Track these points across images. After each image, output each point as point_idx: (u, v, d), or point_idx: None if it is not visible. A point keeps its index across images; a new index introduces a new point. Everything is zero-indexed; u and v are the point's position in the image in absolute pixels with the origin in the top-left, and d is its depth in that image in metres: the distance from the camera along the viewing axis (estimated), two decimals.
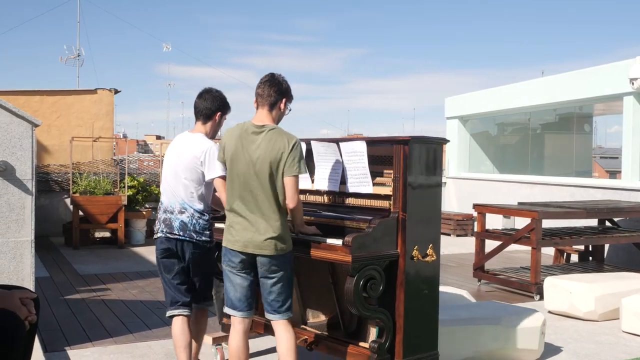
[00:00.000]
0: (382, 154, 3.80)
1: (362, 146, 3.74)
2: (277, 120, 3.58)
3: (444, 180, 14.37)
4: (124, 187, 10.61)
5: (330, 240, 3.51)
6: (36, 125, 4.78)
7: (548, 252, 9.13)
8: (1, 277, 4.51)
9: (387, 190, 3.68)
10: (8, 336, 2.43)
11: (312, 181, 4.14)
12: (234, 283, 3.54)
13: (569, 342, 5.24)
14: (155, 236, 3.90)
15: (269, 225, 3.41)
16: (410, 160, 3.57)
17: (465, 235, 12.62)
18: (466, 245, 11.07)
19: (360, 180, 3.80)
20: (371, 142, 3.80)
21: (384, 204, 3.71)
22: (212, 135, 3.99)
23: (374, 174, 3.80)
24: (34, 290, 3.14)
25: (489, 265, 7.89)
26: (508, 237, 7.36)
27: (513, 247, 7.89)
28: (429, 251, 3.72)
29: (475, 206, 7.77)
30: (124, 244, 10.12)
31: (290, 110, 3.65)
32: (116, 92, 13.29)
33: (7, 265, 4.59)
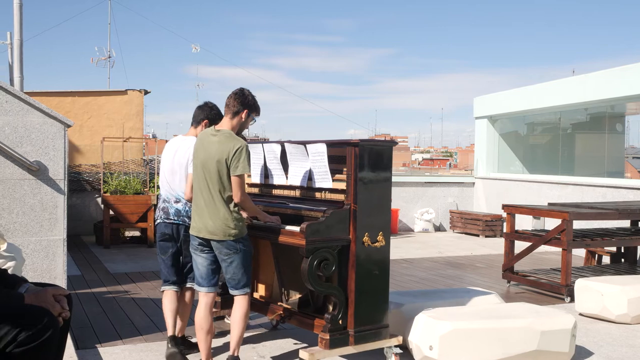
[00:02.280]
0: (343, 154, 4.29)
1: (323, 148, 4.35)
2: (238, 127, 4.16)
3: (472, 180, 14.32)
4: (153, 186, 10.72)
5: (292, 228, 4.12)
6: (68, 126, 4.86)
7: (579, 253, 9.00)
8: (34, 274, 4.60)
9: (344, 185, 4.25)
10: (42, 333, 2.47)
11: (287, 178, 4.71)
12: (197, 263, 4.19)
13: (601, 346, 5.16)
14: (155, 222, 4.63)
15: (218, 214, 4.00)
16: (360, 160, 4.14)
17: (494, 236, 12.50)
18: (495, 246, 10.97)
19: (322, 177, 4.41)
20: (331, 144, 4.38)
21: (342, 197, 4.28)
22: None
23: (336, 171, 4.35)
24: (66, 288, 3.20)
25: (519, 266, 7.80)
26: (538, 238, 7.27)
27: (543, 248, 7.79)
28: (379, 237, 4.26)
29: (505, 207, 7.68)
30: (153, 243, 10.23)
31: (254, 121, 4.25)
32: (146, 92, 13.43)
33: (40, 263, 4.68)
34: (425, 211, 13.46)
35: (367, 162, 4.18)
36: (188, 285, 4.62)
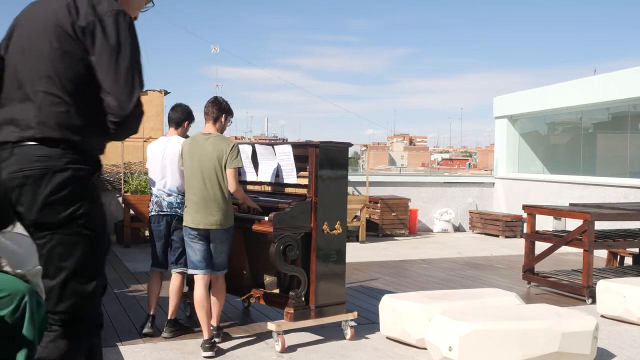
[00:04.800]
0: (306, 154, 4.86)
1: (289, 148, 5.00)
2: (221, 130, 4.82)
3: (492, 180, 14.23)
4: None
5: (262, 217, 4.74)
6: None
7: (600, 254, 8.90)
8: None
9: (307, 181, 4.86)
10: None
11: (257, 174, 5.33)
12: (195, 249, 4.71)
13: (622, 348, 5.10)
14: (150, 214, 5.15)
15: (217, 207, 4.59)
16: (320, 159, 4.76)
17: (514, 236, 12.40)
18: (515, 247, 10.88)
19: (288, 174, 5.04)
20: (296, 146, 5.07)
21: (304, 191, 4.90)
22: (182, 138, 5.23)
23: (301, 168, 4.96)
24: None
25: (539, 267, 7.73)
26: (559, 239, 7.21)
27: (564, 249, 7.72)
28: (337, 226, 4.90)
29: (525, 207, 7.62)
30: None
31: (231, 122, 4.92)
32: (166, 93, 13.52)
33: None
34: (444, 211, 13.40)
35: (326, 161, 4.81)
36: (179, 270, 5.09)
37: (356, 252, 10.07)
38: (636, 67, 10.68)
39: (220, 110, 4.79)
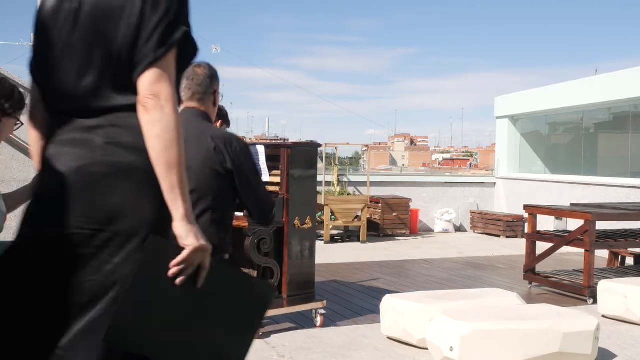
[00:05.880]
0: (278, 154, 5.20)
1: (262, 149, 5.25)
2: None
3: (493, 180, 14.23)
4: None
5: (237, 213, 5.12)
6: None
7: (602, 255, 8.90)
8: None
9: (279, 179, 5.18)
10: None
11: None
12: None
13: (624, 348, 5.09)
14: None
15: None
16: (291, 159, 5.08)
17: (515, 236, 12.39)
18: (516, 247, 10.88)
19: (260, 172, 5.34)
20: (268, 146, 5.43)
21: (277, 188, 5.19)
22: None
23: (273, 167, 5.22)
24: None
25: (540, 267, 7.73)
26: (560, 239, 7.20)
27: (565, 249, 7.71)
28: (307, 221, 5.21)
29: (526, 207, 7.62)
30: None
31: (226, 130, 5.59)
32: None
33: None
34: (445, 211, 13.40)
35: (297, 161, 5.12)
36: None
37: (357, 252, 10.07)
38: (637, 67, 10.68)
39: (218, 116, 5.05)
